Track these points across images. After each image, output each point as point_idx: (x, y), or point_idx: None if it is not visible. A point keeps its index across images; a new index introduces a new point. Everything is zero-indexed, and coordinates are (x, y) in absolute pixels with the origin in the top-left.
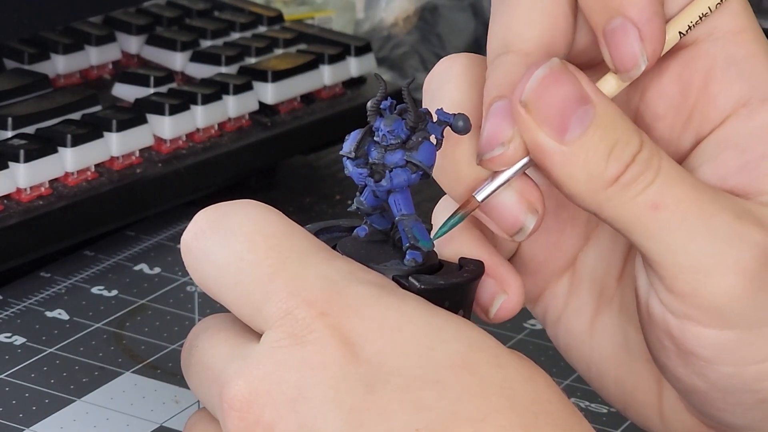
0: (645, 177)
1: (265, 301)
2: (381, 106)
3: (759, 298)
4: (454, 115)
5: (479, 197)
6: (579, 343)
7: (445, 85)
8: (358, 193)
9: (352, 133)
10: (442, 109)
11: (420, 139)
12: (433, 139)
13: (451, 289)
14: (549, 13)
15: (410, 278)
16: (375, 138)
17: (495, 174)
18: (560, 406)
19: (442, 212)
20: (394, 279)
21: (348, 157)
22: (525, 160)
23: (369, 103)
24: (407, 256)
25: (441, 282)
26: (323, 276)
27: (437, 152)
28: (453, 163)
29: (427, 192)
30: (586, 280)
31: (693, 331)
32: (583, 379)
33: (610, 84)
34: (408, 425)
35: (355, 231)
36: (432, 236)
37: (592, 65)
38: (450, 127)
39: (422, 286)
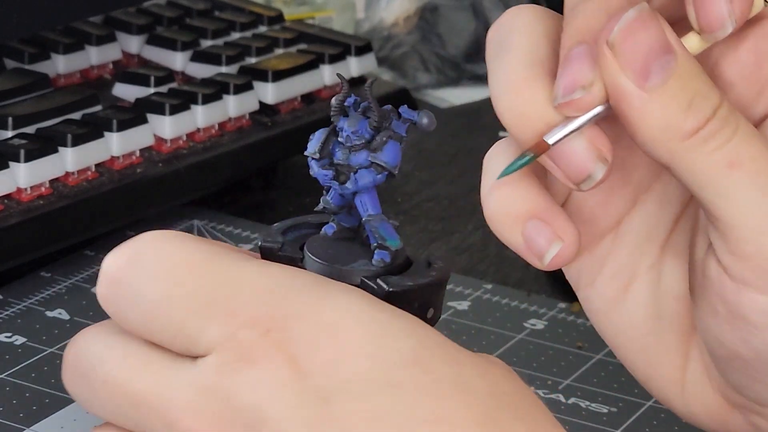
0: (723, 133)
1: (202, 328)
2: (345, 104)
3: None
4: (418, 112)
5: (550, 141)
6: (610, 309)
7: (513, 34)
8: (324, 192)
9: (316, 133)
10: (405, 106)
11: (384, 138)
12: (398, 137)
13: (420, 290)
14: None
15: (378, 281)
16: (339, 138)
17: (568, 119)
18: (518, 397)
19: (499, 155)
20: (361, 281)
21: (313, 158)
22: (601, 107)
23: (332, 101)
24: (375, 256)
25: (409, 283)
26: (259, 290)
27: (401, 150)
28: (522, 104)
29: (428, 192)
30: (628, 244)
31: (749, 296)
32: (582, 380)
33: (692, 42)
34: None
35: (323, 229)
36: (498, 175)
37: (670, 22)
38: (414, 124)
39: (390, 289)
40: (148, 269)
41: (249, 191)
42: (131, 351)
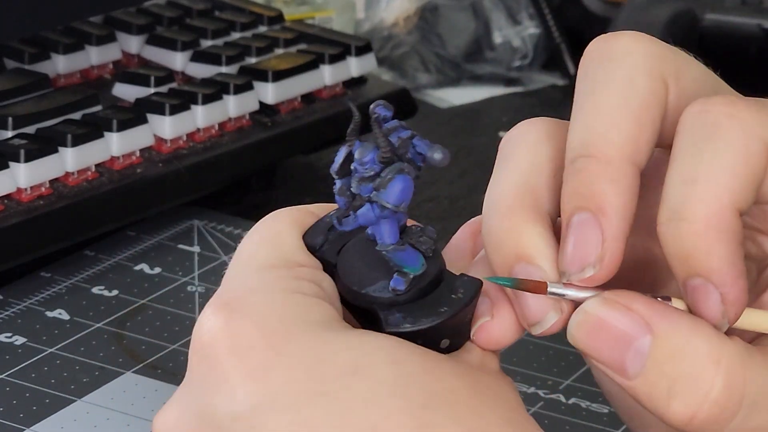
0: (721, 418)
1: None
2: (381, 117)
3: None
4: (431, 146)
5: (551, 289)
6: (618, 390)
7: (516, 152)
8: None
9: (341, 148)
10: (418, 137)
11: (390, 176)
12: (409, 168)
13: (419, 332)
14: (636, 118)
15: (382, 318)
16: (352, 165)
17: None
18: (466, 393)
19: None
20: (372, 312)
21: (335, 177)
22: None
23: (348, 131)
24: (392, 283)
25: (407, 326)
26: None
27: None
28: (502, 232)
29: (428, 192)
30: None
31: None
32: (583, 380)
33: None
34: None
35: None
36: (487, 278)
37: None
38: (425, 159)
39: (389, 330)
40: None
41: (249, 191)
42: None
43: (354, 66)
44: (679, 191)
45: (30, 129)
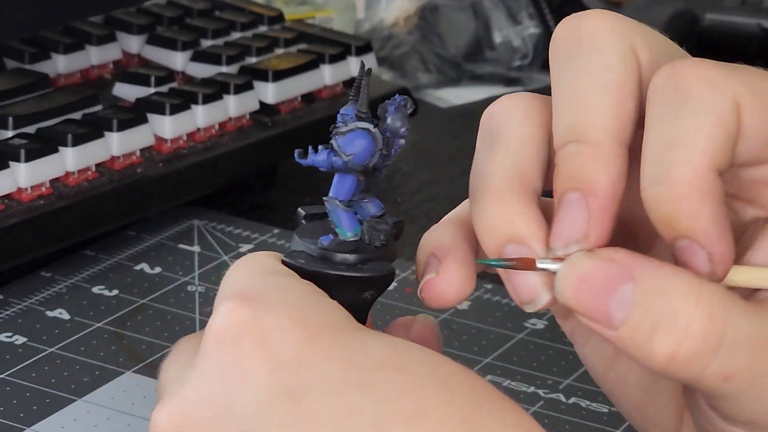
0: (702, 354)
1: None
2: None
3: None
4: (397, 114)
5: (539, 265)
6: (606, 367)
7: (502, 131)
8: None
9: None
10: (395, 105)
11: (352, 127)
12: (375, 130)
13: (315, 275)
14: (616, 98)
15: (284, 256)
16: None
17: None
18: (498, 396)
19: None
20: (284, 256)
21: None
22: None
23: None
24: (322, 238)
25: (301, 261)
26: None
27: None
28: (493, 217)
29: (428, 192)
30: None
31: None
32: (583, 379)
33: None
34: None
35: None
36: (477, 260)
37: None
38: (386, 126)
39: (286, 259)
40: None
41: (249, 191)
42: (177, 350)
43: (354, 66)
44: (659, 156)
45: (30, 129)
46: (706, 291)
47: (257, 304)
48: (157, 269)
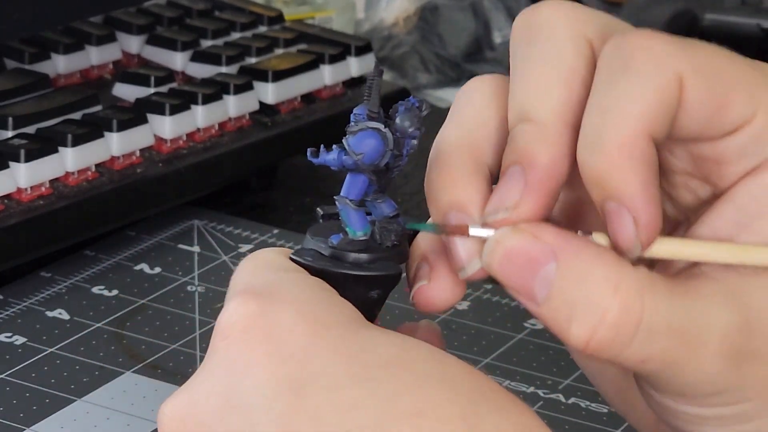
0: (617, 341)
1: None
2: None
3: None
4: (407, 116)
5: (472, 232)
6: (585, 356)
7: (467, 104)
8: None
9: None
10: (406, 106)
11: (363, 126)
12: (385, 130)
13: (321, 273)
14: (565, 83)
15: (293, 253)
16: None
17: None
18: (503, 394)
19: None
20: (292, 253)
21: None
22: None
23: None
24: (332, 237)
25: (309, 259)
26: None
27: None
28: (443, 187)
29: None
30: None
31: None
32: (582, 379)
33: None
34: (339, 426)
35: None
36: (409, 224)
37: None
38: (396, 125)
39: (294, 256)
40: None
41: (249, 191)
42: None
43: (354, 66)
44: (594, 120)
45: (30, 129)
46: (624, 279)
47: (265, 299)
48: (157, 269)
